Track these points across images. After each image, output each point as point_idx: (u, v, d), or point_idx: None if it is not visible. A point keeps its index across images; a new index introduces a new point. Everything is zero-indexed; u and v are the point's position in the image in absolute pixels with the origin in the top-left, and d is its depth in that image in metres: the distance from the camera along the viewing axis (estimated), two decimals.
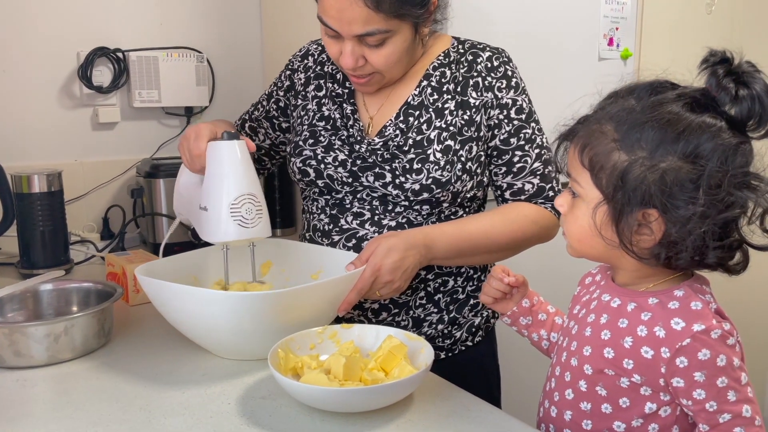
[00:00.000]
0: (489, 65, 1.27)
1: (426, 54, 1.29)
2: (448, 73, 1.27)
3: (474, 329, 1.32)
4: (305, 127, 1.32)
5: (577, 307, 0.99)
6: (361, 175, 1.25)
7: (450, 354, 1.31)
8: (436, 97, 1.26)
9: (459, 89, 1.26)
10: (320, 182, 1.28)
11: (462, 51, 1.29)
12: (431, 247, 1.18)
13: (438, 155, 1.21)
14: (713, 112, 0.82)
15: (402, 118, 1.26)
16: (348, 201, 1.28)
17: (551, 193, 1.27)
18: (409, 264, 1.15)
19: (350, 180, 1.26)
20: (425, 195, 1.21)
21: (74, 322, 1.09)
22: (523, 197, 1.28)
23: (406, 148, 1.23)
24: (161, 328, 1.20)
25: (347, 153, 1.27)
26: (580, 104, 0.93)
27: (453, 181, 1.21)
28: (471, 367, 1.32)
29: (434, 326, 1.28)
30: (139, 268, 1.12)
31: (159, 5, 1.96)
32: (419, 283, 1.27)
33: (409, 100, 1.27)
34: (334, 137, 1.29)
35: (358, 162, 1.26)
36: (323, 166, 1.27)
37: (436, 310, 1.28)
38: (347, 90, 1.32)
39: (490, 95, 1.25)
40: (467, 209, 1.30)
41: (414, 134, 1.24)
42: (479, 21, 1.77)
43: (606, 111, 0.88)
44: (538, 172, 1.27)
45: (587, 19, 2.02)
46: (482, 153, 1.26)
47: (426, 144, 1.22)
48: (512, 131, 1.25)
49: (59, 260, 1.58)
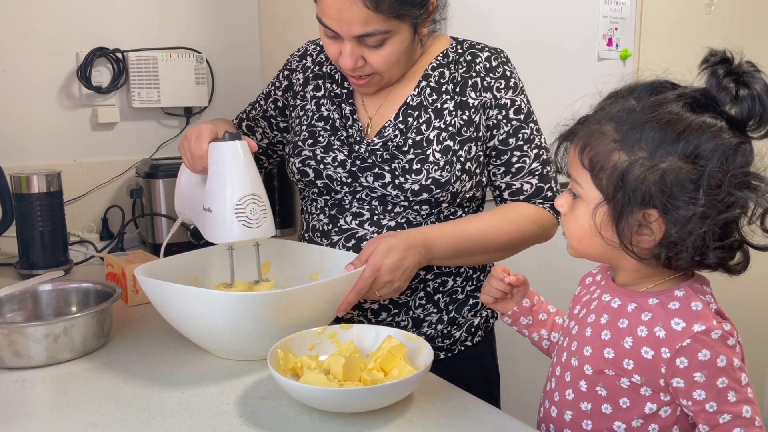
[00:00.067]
0: (488, 65, 1.27)
1: (425, 54, 1.29)
2: (447, 74, 1.27)
3: (473, 329, 1.32)
4: (304, 128, 1.32)
5: (578, 307, 0.99)
6: (361, 176, 1.25)
7: (449, 354, 1.31)
8: (435, 98, 1.26)
9: (458, 89, 1.26)
10: (319, 182, 1.28)
11: (461, 51, 1.29)
12: (431, 248, 1.18)
13: (437, 155, 1.21)
14: (713, 112, 0.82)
15: (401, 119, 1.26)
16: (347, 201, 1.28)
17: (550, 194, 1.28)
18: (409, 264, 1.15)
19: (349, 180, 1.26)
20: (424, 195, 1.21)
21: (73, 323, 1.09)
22: (522, 197, 1.28)
23: (406, 149, 1.23)
24: (160, 329, 1.20)
25: (346, 153, 1.27)
26: (580, 104, 0.93)
27: (452, 182, 1.21)
28: (470, 367, 1.32)
29: (434, 326, 1.28)
30: (139, 269, 1.12)
31: (158, 6, 1.95)
32: (419, 284, 1.26)
33: (408, 101, 1.27)
34: (333, 137, 1.28)
35: (358, 162, 1.26)
36: (322, 167, 1.27)
37: (436, 311, 1.28)
38: (346, 90, 1.32)
39: (489, 95, 1.25)
40: (466, 209, 1.30)
41: (413, 134, 1.24)
42: (478, 21, 1.77)
43: (606, 111, 0.88)
44: (537, 173, 1.27)
45: (586, 20, 2.02)
46: (481, 153, 1.26)
47: (425, 144, 1.22)
48: (511, 131, 1.25)
49: (58, 261, 1.58)
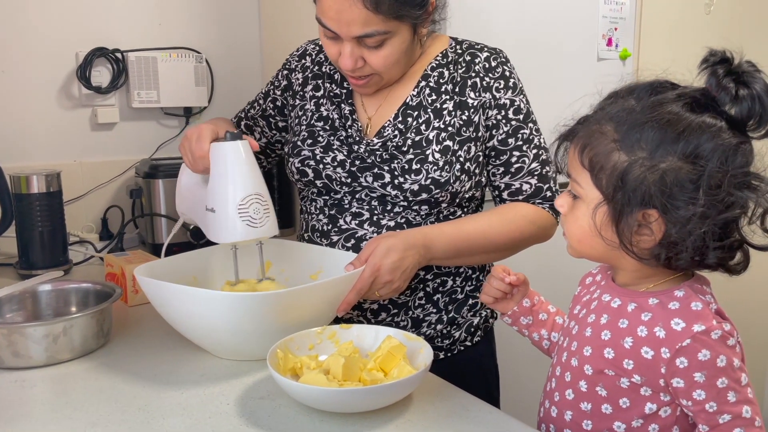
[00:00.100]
0: (487, 66, 1.27)
1: (424, 54, 1.29)
2: (447, 74, 1.27)
3: (473, 329, 1.32)
4: (303, 128, 1.32)
5: (578, 307, 0.99)
6: (360, 176, 1.25)
7: (449, 354, 1.31)
8: (435, 98, 1.26)
9: (457, 90, 1.26)
10: (319, 182, 1.28)
11: (460, 51, 1.29)
12: (430, 248, 1.18)
13: (437, 156, 1.21)
14: (713, 112, 0.82)
15: (400, 119, 1.26)
16: (347, 201, 1.28)
17: (549, 194, 1.28)
18: (409, 264, 1.15)
19: (349, 180, 1.26)
20: (424, 195, 1.21)
21: (73, 323, 1.09)
22: (521, 197, 1.28)
23: (405, 149, 1.23)
24: (160, 329, 1.20)
25: (346, 153, 1.27)
26: (580, 105, 0.93)
27: (452, 182, 1.21)
28: (470, 367, 1.32)
29: (433, 326, 1.28)
30: (139, 269, 1.12)
31: (158, 6, 1.95)
32: (418, 284, 1.26)
33: (408, 101, 1.26)
34: (333, 137, 1.28)
35: (357, 162, 1.26)
36: (322, 167, 1.27)
37: (435, 311, 1.28)
38: (345, 90, 1.32)
39: (488, 95, 1.25)
40: (465, 209, 1.30)
41: (412, 135, 1.24)
42: (477, 21, 1.77)
43: (606, 111, 0.88)
44: (536, 173, 1.27)
45: (586, 20, 2.02)
46: (480, 153, 1.26)
47: (425, 144, 1.22)
48: (510, 131, 1.25)
49: (58, 261, 1.58)
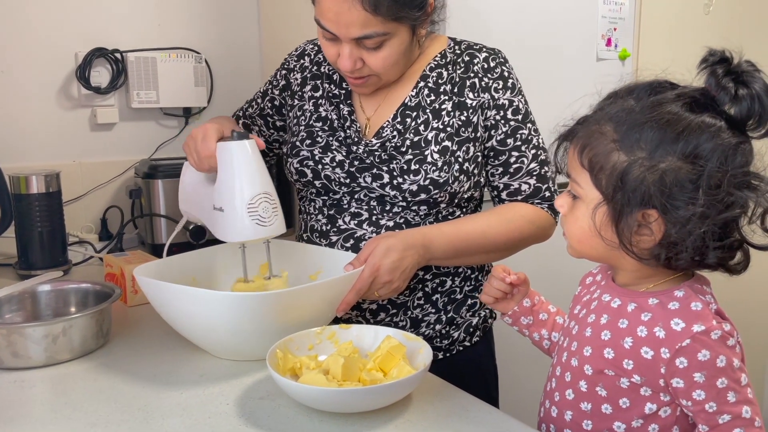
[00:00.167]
0: (486, 66, 1.27)
1: (423, 55, 1.29)
2: (445, 74, 1.27)
3: (472, 329, 1.32)
4: (302, 128, 1.32)
5: (578, 307, 0.99)
6: (359, 176, 1.25)
7: (448, 354, 1.31)
8: (433, 98, 1.26)
9: (456, 90, 1.26)
10: (318, 183, 1.28)
11: (459, 52, 1.29)
12: (429, 248, 1.18)
13: (435, 156, 1.21)
14: (713, 112, 0.82)
15: (399, 119, 1.26)
16: (345, 201, 1.28)
17: (547, 194, 1.28)
18: (408, 264, 1.15)
19: (348, 181, 1.26)
20: (423, 196, 1.21)
21: (72, 323, 1.08)
22: (520, 197, 1.28)
23: (404, 149, 1.23)
24: (159, 329, 1.20)
25: (345, 154, 1.27)
26: (579, 105, 0.93)
27: (450, 182, 1.21)
28: (469, 368, 1.32)
29: (432, 326, 1.28)
30: (138, 269, 1.12)
31: (157, 6, 1.95)
32: (417, 284, 1.26)
33: (406, 101, 1.26)
34: (332, 138, 1.28)
35: (356, 163, 1.26)
36: (321, 167, 1.27)
37: (434, 311, 1.28)
38: (344, 91, 1.32)
39: (487, 96, 1.25)
40: (464, 210, 1.30)
41: (411, 135, 1.24)
42: (476, 22, 1.77)
43: (605, 111, 0.87)
44: (535, 173, 1.27)
45: (585, 20, 2.02)
46: (479, 154, 1.26)
47: (423, 145, 1.22)
48: (509, 132, 1.25)
49: (57, 261, 1.57)
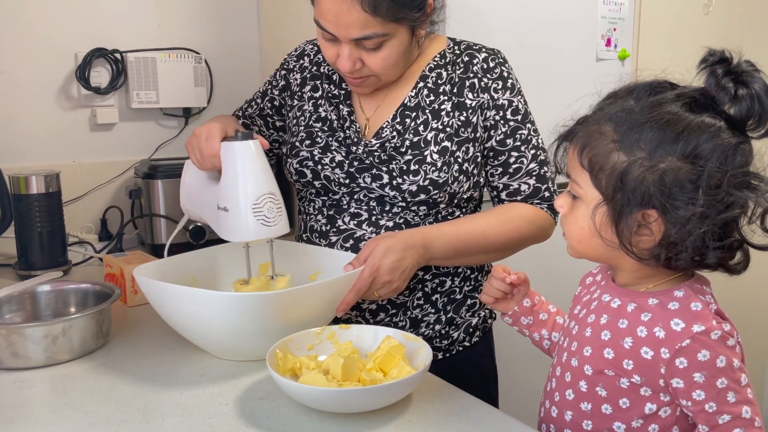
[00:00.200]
0: (485, 66, 1.27)
1: (422, 55, 1.29)
2: (445, 75, 1.27)
3: (471, 330, 1.32)
4: (302, 128, 1.32)
5: (578, 307, 0.99)
6: (358, 177, 1.25)
7: (447, 354, 1.31)
8: (433, 99, 1.26)
9: (455, 90, 1.26)
10: (317, 183, 1.28)
11: (458, 52, 1.29)
12: (429, 248, 1.18)
13: (435, 156, 1.21)
14: (712, 112, 0.82)
15: (399, 120, 1.26)
16: (345, 202, 1.28)
17: (547, 194, 1.28)
18: (408, 264, 1.15)
19: (347, 181, 1.26)
20: (422, 196, 1.21)
21: (72, 323, 1.08)
22: (519, 198, 1.28)
23: (403, 150, 1.23)
24: (159, 329, 1.20)
25: (344, 154, 1.26)
26: (579, 105, 0.93)
27: (450, 182, 1.21)
28: (468, 368, 1.32)
29: (431, 327, 1.28)
30: (138, 269, 1.12)
31: (157, 6, 1.95)
32: (417, 284, 1.26)
33: (406, 102, 1.26)
34: (331, 138, 1.28)
35: (356, 163, 1.26)
36: (320, 168, 1.27)
37: (434, 311, 1.28)
38: (344, 91, 1.32)
39: (486, 96, 1.25)
40: (464, 210, 1.30)
41: (411, 136, 1.24)
42: (476, 22, 1.77)
43: (605, 111, 0.87)
44: (534, 173, 1.27)
45: (585, 20, 2.02)
46: (479, 154, 1.26)
47: (423, 145, 1.22)
48: (508, 132, 1.25)
49: (57, 261, 1.57)
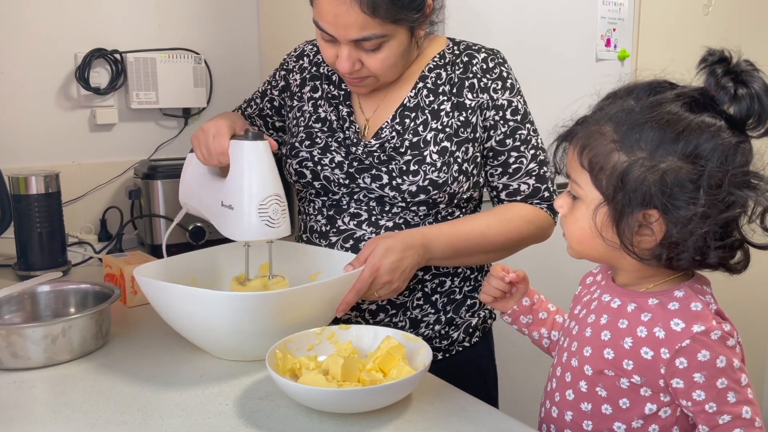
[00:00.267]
0: (484, 66, 1.27)
1: (421, 55, 1.29)
2: (444, 75, 1.27)
3: (471, 330, 1.32)
4: (301, 129, 1.32)
5: (578, 307, 0.99)
6: (358, 177, 1.25)
7: (447, 355, 1.31)
8: (432, 99, 1.26)
9: (455, 90, 1.26)
10: (317, 184, 1.28)
11: (457, 52, 1.29)
12: (429, 248, 1.18)
13: (434, 157, 1.21)
14: (712, 112, 0.82)
15: (398, 120, 1.26)
16: (345, 202, 1.28)
17: (546, 194, 1.28)
18: (408, 264, 1.15)
19: (347, 182, 1.26)
20: (422, 196, 1.21)
21: (72, 324, 1.08)
22: (519, 198, 1.28)
23: (403, 150, 1.23)
24: (159, 330, 1.20)
25: (344, 155, 1.26)
26: (579, 105, 0.93)
27: (449, 183, 1.21)
28: (468, 368, 1.32)
29: (431, 327, 1.28)
30: (138, 269, 1.12)
31: (157, 7, 1.95)
32: (416, 284, 1.26)
33: (405, 102, 1.26)
34: (331, 139, 1.28)
35: (355, 164, 1.25)
36: (320, 168, 1.27)
37: (433, 311, 1.28)
38: (343, 92, 1.32)
39: (486, 96, 1.25)
40: (464, 210, 1.30)
41: (410, 136, 1.24)
42: (476, 22, 1.77)
43: (605, 112, 0.87)
44: (534, 173, 1.27)
45: (584, 20, 2.02)
46: (478, 154, 1.26)
47: (422, 146, 1.22)
48: (508, 132, 1.25)
49: (57, 262, 1.57)
